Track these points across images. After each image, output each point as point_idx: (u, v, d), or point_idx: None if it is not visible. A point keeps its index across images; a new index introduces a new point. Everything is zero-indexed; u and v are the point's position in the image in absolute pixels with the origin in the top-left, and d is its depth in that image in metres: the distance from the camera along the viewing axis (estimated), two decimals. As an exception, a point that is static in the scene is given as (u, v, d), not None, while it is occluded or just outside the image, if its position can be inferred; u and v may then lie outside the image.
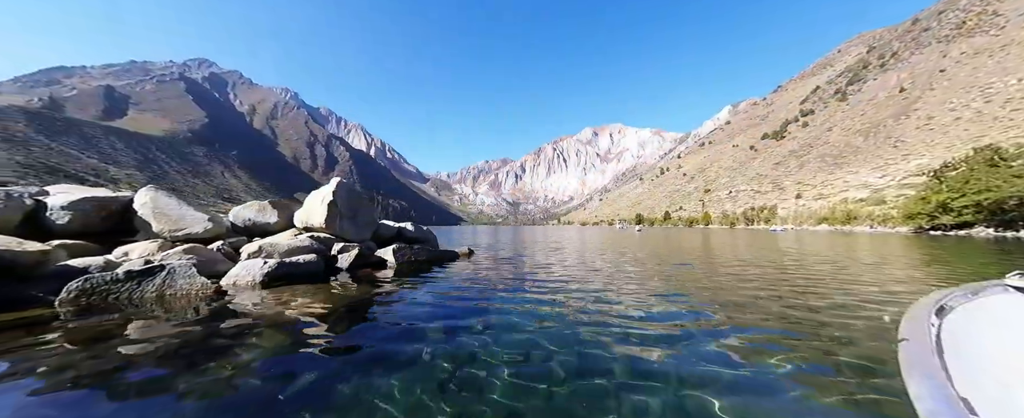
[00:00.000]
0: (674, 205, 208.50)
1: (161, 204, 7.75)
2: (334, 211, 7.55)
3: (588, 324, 3.78)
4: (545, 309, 4.40)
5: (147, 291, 4.53)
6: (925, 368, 1.12)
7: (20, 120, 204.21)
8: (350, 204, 7.86)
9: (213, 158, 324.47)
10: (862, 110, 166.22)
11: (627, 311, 4.32)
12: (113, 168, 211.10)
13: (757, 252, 13.06)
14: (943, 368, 1.15)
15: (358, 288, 5.63)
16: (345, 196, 7.72)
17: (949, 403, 0.95)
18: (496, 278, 6.32)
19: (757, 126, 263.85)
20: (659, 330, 3.58)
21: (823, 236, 33.64)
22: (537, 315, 4.13)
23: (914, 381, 1.06)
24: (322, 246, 7.07)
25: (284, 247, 6.42)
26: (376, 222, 8.65)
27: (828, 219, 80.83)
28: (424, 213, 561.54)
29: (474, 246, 17.42)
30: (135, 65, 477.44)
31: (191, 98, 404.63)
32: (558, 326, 3.72)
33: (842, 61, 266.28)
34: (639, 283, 6.18)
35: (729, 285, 6.18)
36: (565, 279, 6.43)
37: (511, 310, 4.36)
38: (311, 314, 4.11)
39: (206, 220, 7.82)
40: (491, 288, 5.55)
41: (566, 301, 4.82)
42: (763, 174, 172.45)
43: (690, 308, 4.50)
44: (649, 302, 4.82)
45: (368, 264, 7.19)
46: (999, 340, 1.68)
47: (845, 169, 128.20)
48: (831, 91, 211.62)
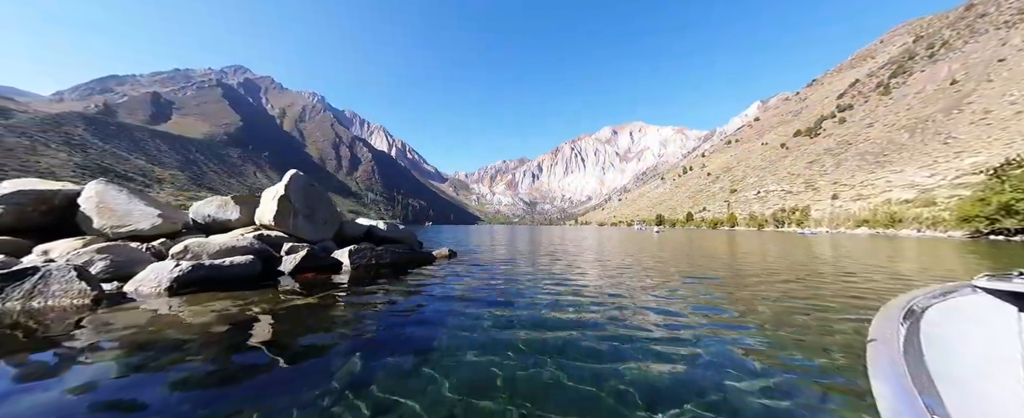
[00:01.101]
0: (697, 206, 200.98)
1: (108, 198, 7.19)
2: (286, 207, 6.76)
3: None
4: (499, 365, 2.84)
5: (12, 298, 3.81)
6: (889, 368, 1.13)
7: (79, 125, 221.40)
8: (307, 200, 7.06)
9: (246, 159, 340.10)
10: (908, 104, 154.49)
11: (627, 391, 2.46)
12: (158, 169, 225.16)
13: (798, 261, 11.48)
14: (908, 368, 1.16)
15: (286, 298, 4.78)
16: (300, 191, 6.93)
17: (910, 403, 0.96)
18: (460, 293, 5.27)
19: (789, 123, 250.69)
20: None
21: (864, 241, 30.69)
22: (484, 375, 2.63)
23: (878, 381, 1.07)
24: (266, 247, 6.29)
25: (215, 247, 5.67)
26: (338, 220, 7.83)
27: (868, 222, 75.04)
28: (442, 212, 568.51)
29: (475, 246, 16.43)
30: (179, 73, 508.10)
31: (227, 103, 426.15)
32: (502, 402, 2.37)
33: (885, 52, 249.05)
34: (638, 313, 4.90)
35: (782, 311, 4.51)
36: (544, 302, 4.94)
37: (454, 353, 2.99)
38: (180, 335, 3.23)
39: (156, 215, 7.21)
40: (446, 311, 4.33)
41: (529, 345, 3.35)
42: (795, 173, 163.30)
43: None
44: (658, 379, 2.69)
45: (319, 267, 6.36)
46: (964, 340, 1.71)
47: (888, 168, 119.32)
48: (872, 84, 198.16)
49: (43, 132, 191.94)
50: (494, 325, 3.70)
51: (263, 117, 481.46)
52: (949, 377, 1.39)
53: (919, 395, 1.00)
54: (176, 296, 4.63)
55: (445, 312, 4.15)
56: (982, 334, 1.82)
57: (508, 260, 10.11)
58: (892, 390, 1.01)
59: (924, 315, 1.66)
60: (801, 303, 5.07)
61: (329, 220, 7.42)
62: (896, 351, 1.26)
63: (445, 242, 19.89)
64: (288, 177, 6.81)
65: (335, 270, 6.56)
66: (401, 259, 7.62)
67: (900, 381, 1.05)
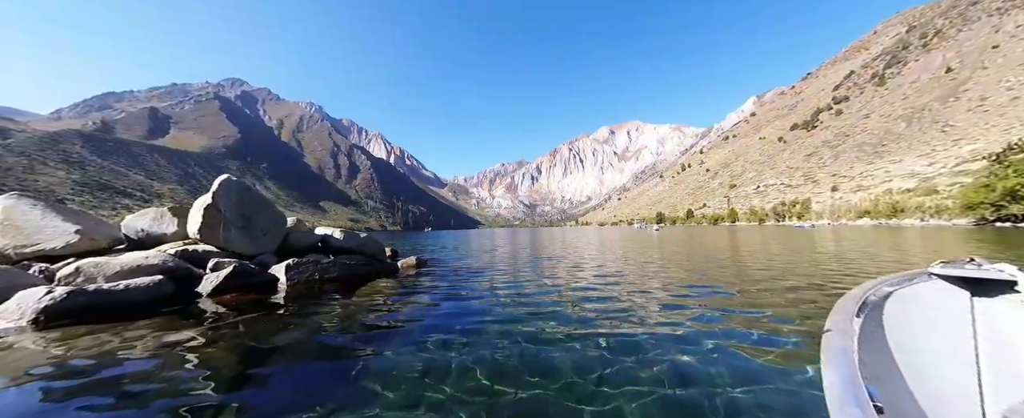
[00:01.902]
0: (697, 202, 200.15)
1: (16, 215, 6.34)
2: (214, 218, 5.92)
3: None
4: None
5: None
6: (841, 358, 1.14)
7: (77, 142, 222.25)
8: (241, 208, 6.23)
9: (245, 171, 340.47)
10: (903, 94, 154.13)
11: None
12: (157, 183, 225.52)
13: (806, 259, 10.62)
14: (860, 358, 1.17)
15: (183, 328, 3.92)
16: (233, 198, 6.10)
17: (855, 393, 0.98)
18: (404, 321, 4.33)
19: (785, 116, 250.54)
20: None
21: (866, 232, 29.79)
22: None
23: (828, 372, 1.08)
24: (185, 264, 5.44)
25: (115, 268, 4.82)
26: (283, 231, 6.97)
27: (870, 212, 74.12)
28: (442, 218, 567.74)
29: (459, 252, 15.44)
30: (176, 87, 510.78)
31: (225, 116, 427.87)
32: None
33: (879, 43, 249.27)
34: (631, 326, 3.92)
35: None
36: (509, 344, 3.42)
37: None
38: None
39: (72, 232, 6.36)
40: (368, 352, 3.19)
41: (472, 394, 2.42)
42: (794, 167, 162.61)
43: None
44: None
45: (249, 286, 5.51)
46: (919, 327, 1.73)
47: (886, 158, 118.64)
48: (867, 76, 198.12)
49: (41, 151, 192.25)
50: (432, 377, 2.68)
51: (261, 129, 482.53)
52: (902, 364, 1.41)
53: (865, 384, 1.02)
54: (44, 330, 3.78)
55: (364, 355, 3.20)
56: (937, 320, 1.85)
57: (484, 269, 9.19)
58: (840, 380, 1.04)
59: (881, 304, 1.68)
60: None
61: (271, 230, 6.58)
62: (850, 341, 1.26)
63: (438, 248, 18.90)
64: (218, 183, 5.98)
65: (270, 288, 5.72)
66: (356, 272, 6.75)
67: (849, 371, 1.07)
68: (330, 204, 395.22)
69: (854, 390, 0.98)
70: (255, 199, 6.60)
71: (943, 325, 1.84)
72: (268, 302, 5.11)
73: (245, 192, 6.39)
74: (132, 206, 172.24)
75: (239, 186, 6.33)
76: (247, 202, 6.37)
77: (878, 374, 1.18)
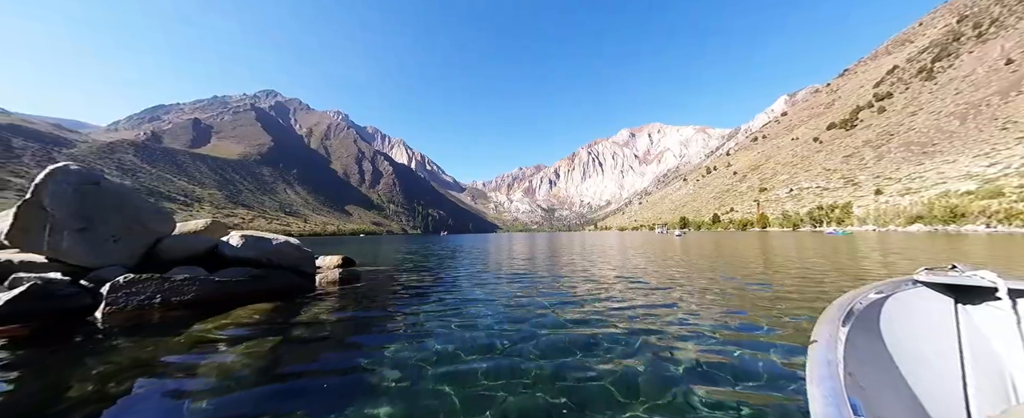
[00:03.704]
0: (724, 206, 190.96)
1: None
2: (32, 219, 4.54)
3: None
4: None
5: None
6: (825, 370, 1.12)
7: (129, 151, 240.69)
8: (80, 206, 4.83)
9: (277, 177, 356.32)
10: (956, 88, 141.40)
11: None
12: (198, 189, 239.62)
13: (871, 273, 8.35)
14: (844, 368, 1.16)
15: None
16: (68, 193, 4.72)
17: (838, 404, 0.97)
18: (219, 383, 2.70)
19: (821, 115, 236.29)
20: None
21: (921, 240, 25.99)
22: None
23: (812, 383, 1.07)
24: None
25: None
26: (150, 234, 5.51)
27: (923, 218, 67.02)
28: (461, 221, 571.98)
29: (438, 258, 13.79)
30: (217, 100, 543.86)
31: (260, 125, 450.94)
32: None
33: (925, 36, 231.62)
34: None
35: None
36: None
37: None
38: None
39: None
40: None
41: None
42: (831, 169, 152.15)
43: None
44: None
45: (51, 312, 4.08)
46: (904, 336, 1.70)
47: (938, 158, 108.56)
48: (913, 70, 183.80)
49: (99, 159, 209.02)
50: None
51: (292, 137, 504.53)
52: (888, 373, 1.39)
53: (848, 396, 1.00)
54: None
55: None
56: (922, 328, 1.83)
57: (443, 284, 7.45)
58: (823, 392, 1.02)
59: (867, 312, 1.66)
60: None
61: (127, 235, 5.16)
62: (835, 352, 1.24)
63: (429, 253, 17.38)
64: (45, 173, 4.60)
65: (86, 314, 4.27)
66: (234, 291, 5.21)
67: (832, 384, 1.05)
68: (354, 208, 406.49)
69: (837, 402, 0.97)
70: (106, 195, 5.18)
71: (928, 333, 1.83)
72: (76, 336, 3.66)
73: (88, 185, 4.98)
74: (176, 210, 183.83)
75: (79, 177, 4.93)
76: (91, 199, 4.96)
77: (864, 385, 1.17)
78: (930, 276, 2.05)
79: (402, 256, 16.19)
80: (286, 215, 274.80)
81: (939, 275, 2.05)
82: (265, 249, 6.38)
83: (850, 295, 1.77)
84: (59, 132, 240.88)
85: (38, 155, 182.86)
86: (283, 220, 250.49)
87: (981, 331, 1.88)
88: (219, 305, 4.84)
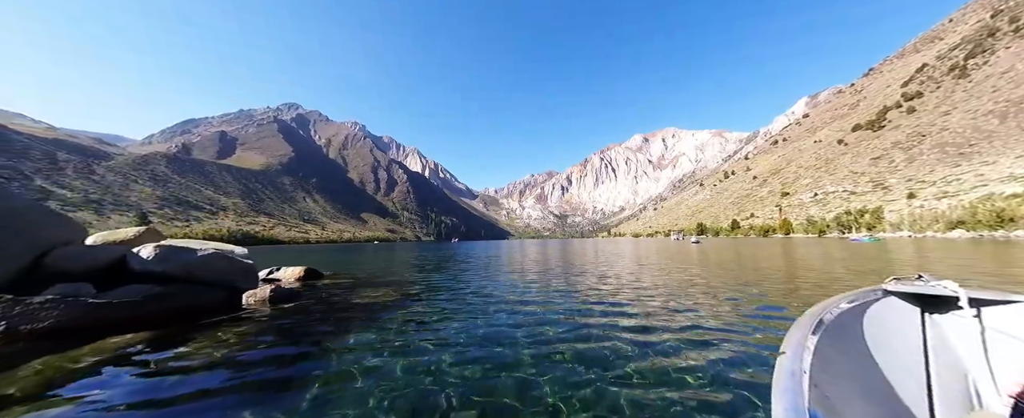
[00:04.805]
0: (743, 212, 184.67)
1: None
2: None
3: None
4: None
5: None
6: (790, 383, 1.11)
7: (161, 163, 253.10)
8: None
9: (297, 186, 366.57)
10: (993, 86, 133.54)
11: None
12: (223, 197, 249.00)
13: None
14: (810, 381, 1.15)
15: None
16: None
17: (798, 416, 0.96)
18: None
19: (845, 117, 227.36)
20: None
21: (964, 247, 23.58)
22: None
23: (775, 395, 1.06)
24: None
25: None
26: (35, 245, 4.69)
27: (966, 223, 62.25)
28: (474, 228, 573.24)
29: (432, 270, 12.67)
30: (242, 112, 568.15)
31: (282, 136, 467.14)
32: None
33: (956, 32, 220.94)
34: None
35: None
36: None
37: None
38: None
39: None
40: None
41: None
42: (858, 172, 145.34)
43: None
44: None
45: None
46: (872, 346, 1.70)
47: (976, 160, 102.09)
48: (944, 68, 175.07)
49: (135, 171, 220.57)
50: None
51: (311, 147, 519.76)
52: (856, 383, 1.39)
53: (809, 407, 0.99)
54: None
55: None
56: (890, 337, 1.83)
57: (407, 306, 6.26)
58: (784, 405, 1.01)
59: (837, 322, 1.65)
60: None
61: (7, 245, 4.38)
62: (802, 362, 1.23)
63: (422, 262, 16.28)
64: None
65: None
66: (113, 316, 4.33)
67: (794, 395, 1.04)
68: (370, 215, 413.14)
69: (798, 414, 0.97)
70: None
71: (896, 342, 1.84)
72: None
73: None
74: (202, 218, 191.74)
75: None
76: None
77: (829, 394, 1.16)
78: (898, 286, 2.07)
79: (388, 265, 15.37)
80: (305, 223, 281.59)
81: (906, 285, 2.07)
82: (185, 261, 5.56)
83: (822, 305, 1.79)
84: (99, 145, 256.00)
85: (79, 167, 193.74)
86: (302, 227, 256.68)
87: (946, 339, 1.91)
88: (94, 332, 3.98)
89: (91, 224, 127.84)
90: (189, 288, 5.22)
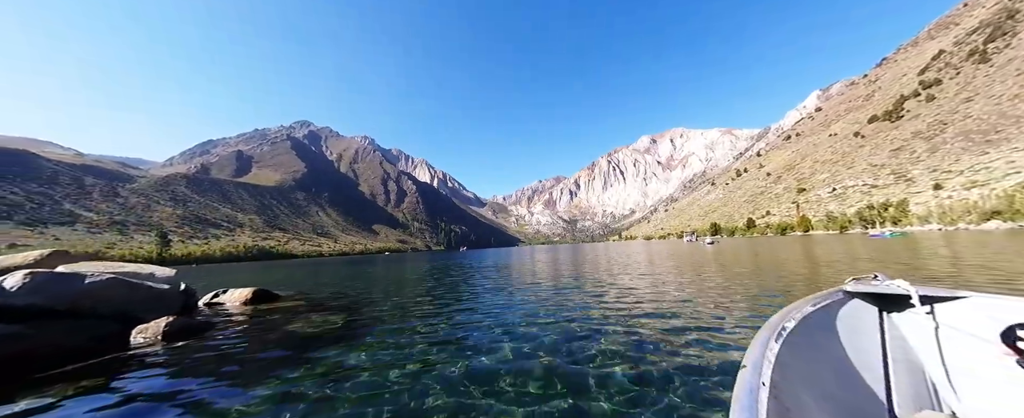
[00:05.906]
0: (759, 210, 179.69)
1: None
2: None
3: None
4: None
5: None
6: (747, 398, 1.08)
7: (181, 183, 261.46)
8: None
9: (310, 200, 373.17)
10: (1016, 69, 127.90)
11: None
12: (240, 215, 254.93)
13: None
14: (772, 389, 1.13)
15: None
16: None
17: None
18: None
19: (860, 108, 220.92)
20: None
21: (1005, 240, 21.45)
22: None
23: (734, 412, 1.03)
24: None
25: None
26: None
27: (1002, 213, 58.47)
28: (483, 236, 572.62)
29: (441, 274, 11.49)
30: (257, 132, 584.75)
31: (295, 153, 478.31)
32: None
33: (972, 16, 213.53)
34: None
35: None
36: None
37: None
38: None
39: None
40: None
41: None
42: (878, 164, 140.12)
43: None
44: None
45: None
46: (832, 350, 1.71)
47: (1005, 147, 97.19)
48: (963, 54, 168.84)
49: (157, 192, 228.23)
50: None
51: (323, 162, 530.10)
52: (813, 389, 1.37)
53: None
54: None
55: None
56: (850, 338, 1.83)
57: (357, 340, 4.63)
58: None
59: (799, 327, 1.63)
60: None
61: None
62: (761, 374, 1.20)
63: (436, 272, 15.18)
64: None
65: None
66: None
67: (750, 411, 1.01)
68: (381, 227, 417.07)
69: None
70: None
71: (856, 342, 1.84)
72: None
73: None
74: (220, 235, 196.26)
75: None
76: None
77: (789, 405, 1.14)
78: (857, 286, 2.07)
79: (365, 283, 13.62)
80: (318, 236, 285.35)
81: (864, 285, 2.07)
82: (65, 291, 4.64)
83: (784, 310, 1.78)
84: (123, 169, 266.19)
85: (104, 191, 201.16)
86: (315, 241, 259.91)
87: (903, 338, 1.93)
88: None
89: (115, 244, 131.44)
90: (61, 325, 4.30)
